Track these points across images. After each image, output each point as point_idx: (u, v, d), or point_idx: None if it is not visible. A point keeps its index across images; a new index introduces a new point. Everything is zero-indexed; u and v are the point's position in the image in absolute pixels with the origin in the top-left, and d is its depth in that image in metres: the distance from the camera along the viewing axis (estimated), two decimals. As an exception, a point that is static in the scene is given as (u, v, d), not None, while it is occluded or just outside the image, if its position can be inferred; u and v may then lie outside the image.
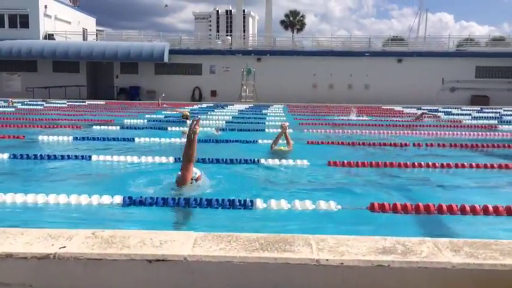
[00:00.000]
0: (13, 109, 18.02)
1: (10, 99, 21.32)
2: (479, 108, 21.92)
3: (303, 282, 2.44)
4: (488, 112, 19.65)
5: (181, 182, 4.86)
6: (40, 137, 9.73)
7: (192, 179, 4.96)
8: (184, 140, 9.13)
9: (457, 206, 4.49)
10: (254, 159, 7.16)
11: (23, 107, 19.17)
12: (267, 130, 11.77)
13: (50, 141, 9.49)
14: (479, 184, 6.20)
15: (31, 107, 19.24)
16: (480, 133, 12.03)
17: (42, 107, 19.14)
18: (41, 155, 7.46)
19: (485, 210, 4.45)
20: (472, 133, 11.92)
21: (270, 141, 8.65)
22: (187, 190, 4.87)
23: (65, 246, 2.52)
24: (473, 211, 4.44)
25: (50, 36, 30.39)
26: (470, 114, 18.46)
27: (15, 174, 6.45)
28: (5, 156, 7.30)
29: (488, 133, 12.08)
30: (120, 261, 2.44)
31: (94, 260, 2.44)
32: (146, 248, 2.52)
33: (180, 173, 4.95)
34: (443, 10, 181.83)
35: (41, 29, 29.94)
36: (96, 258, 2.44)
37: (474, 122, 15.36)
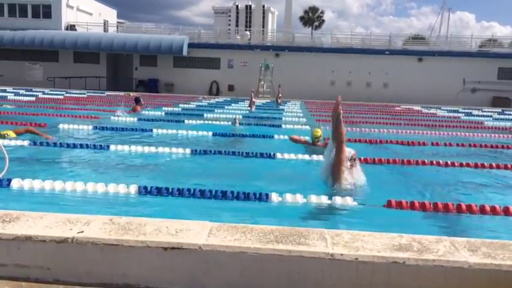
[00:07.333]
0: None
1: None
2: (500, 110, 21.48)
3: (317, 275, 2.43)
4: (510, 114, 19.25)
5: (337, 164, 4.88)
6: (61, 126, 9.89)
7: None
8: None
9: (476, 205, 4.42)
10: (270, 153, 7.16)
11: (44, 96, 19.47)
12: (283, 126, 11.76)
13: (71, 130, 9.65)
14: (500, 184, 6.07)
15: (54, 96, 19.52)
16: (501, 135, 11.80)
17: (62, 97, 19.38)
18: (60, 143, 7.61)
19: (506, 211, 4.37)
20: (493, 134, 11.70)
21: (286, 137, 8.66)
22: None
23: (83, 231, 2.56)
24: (493, 211, 4.36)
25: (71, 27, 30.80)
26: (491, 116, 18.11)
27: (34, 161, 6.56)
28: (26, 143, 7.48)
29: (509, 135, 11.84)
30: (136, 248, 2.47)
31: (111, 245, 2.48)
32: (162, 235, 2.54)
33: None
34: (465, 9, 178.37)
35: (63, 20, 30.36)
36: (113, 244, 2.48)
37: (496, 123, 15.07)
